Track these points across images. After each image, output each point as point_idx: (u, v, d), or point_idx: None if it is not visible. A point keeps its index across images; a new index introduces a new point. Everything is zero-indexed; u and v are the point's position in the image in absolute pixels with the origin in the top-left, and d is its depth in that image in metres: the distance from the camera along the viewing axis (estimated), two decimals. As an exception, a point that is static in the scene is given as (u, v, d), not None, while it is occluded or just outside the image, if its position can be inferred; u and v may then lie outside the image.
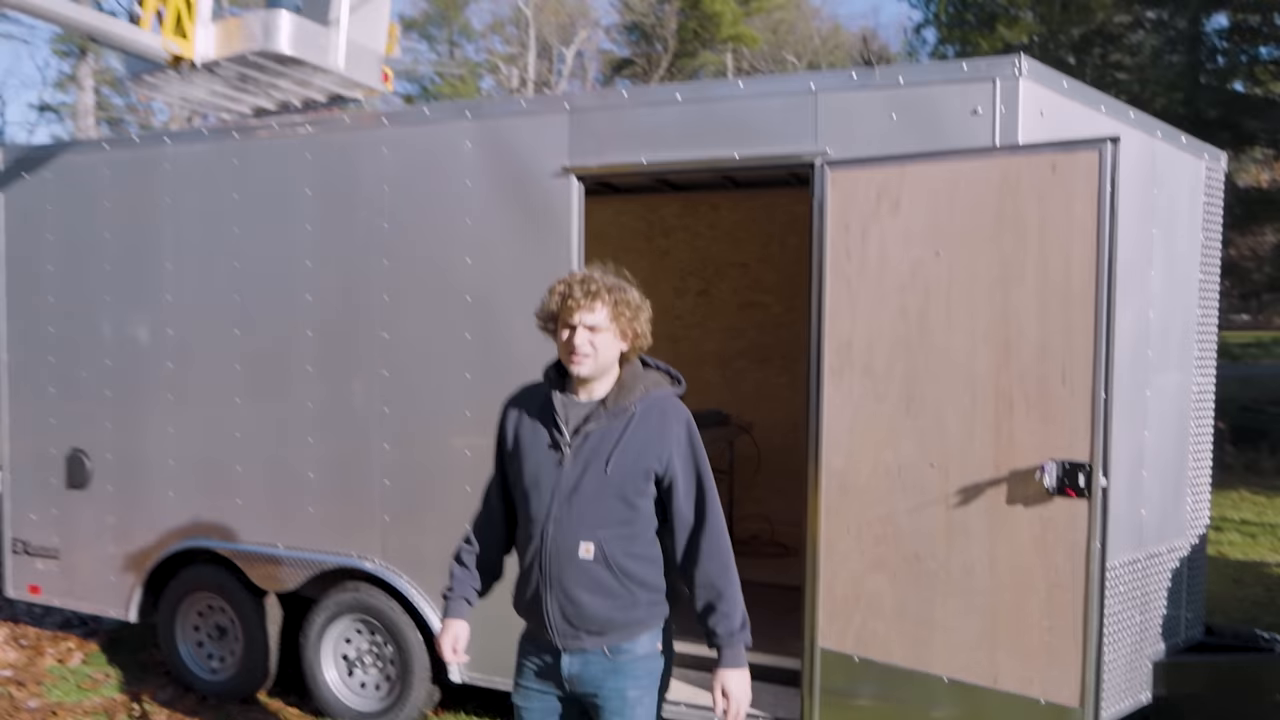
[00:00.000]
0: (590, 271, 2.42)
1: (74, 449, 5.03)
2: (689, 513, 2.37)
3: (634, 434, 2.32)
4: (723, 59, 58.62)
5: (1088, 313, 3.00)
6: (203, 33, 4.58)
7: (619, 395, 2.33)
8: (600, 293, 2.29)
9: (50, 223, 5.11)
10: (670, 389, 2.43)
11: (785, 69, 57.88)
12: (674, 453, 2.34)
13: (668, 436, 2.33)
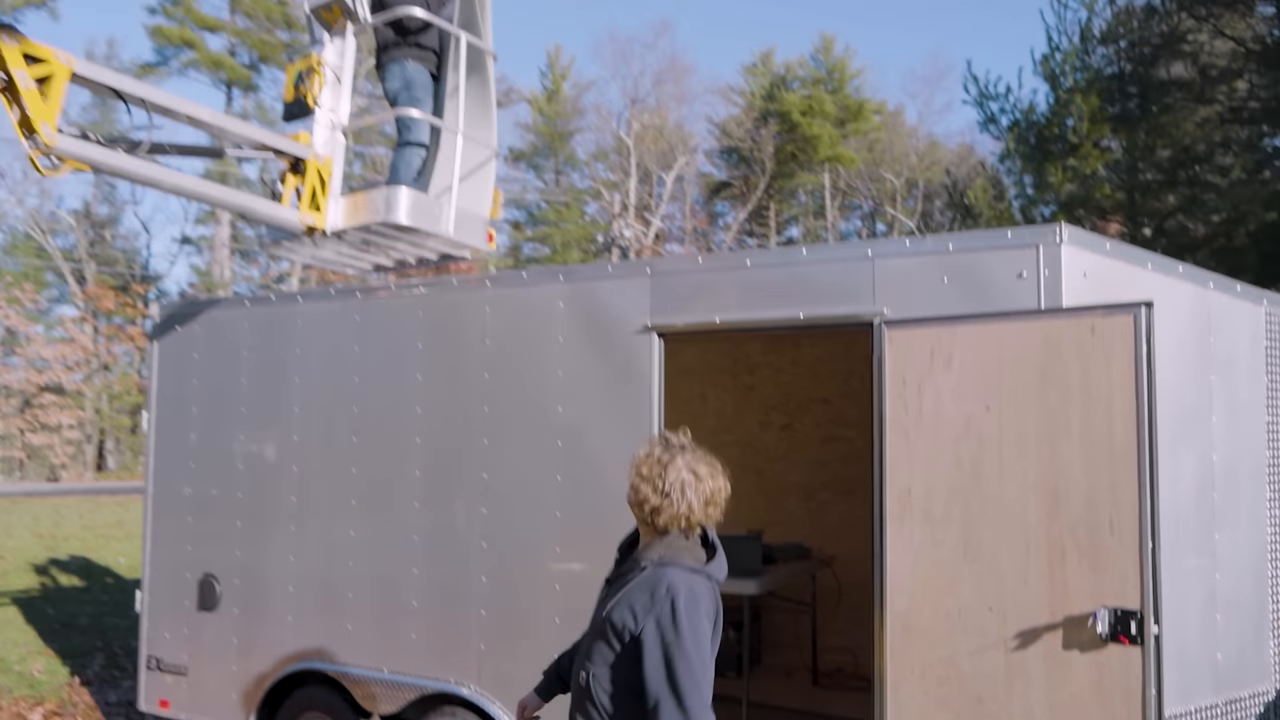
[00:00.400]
0: (646, 449, 2.61)
1: (206, 574, 5.54)
2: (652, 684, 2.39)
3: (630, 588, 2.49)
4: (820, 179, 59.67)
5: (1130, 466, 3.18)
6: (333, 206, 5.22)
7: (640, 554, 2.56)
8: (630, 475, 2.56)
9: (196, 369, 5.77)
10: (687, 564, 2.50)
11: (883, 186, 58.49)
12: (649, 620, 2.41)
13: (651, 602, 2.43)
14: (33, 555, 14.39)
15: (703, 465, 2.57)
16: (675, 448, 2.58)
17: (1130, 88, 12.37)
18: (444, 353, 4.86)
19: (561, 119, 58.32)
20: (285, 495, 5.31)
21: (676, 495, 2.50)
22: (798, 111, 54.80)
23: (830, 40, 56.77)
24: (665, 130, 54.26)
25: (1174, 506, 3.86)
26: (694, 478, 2.53)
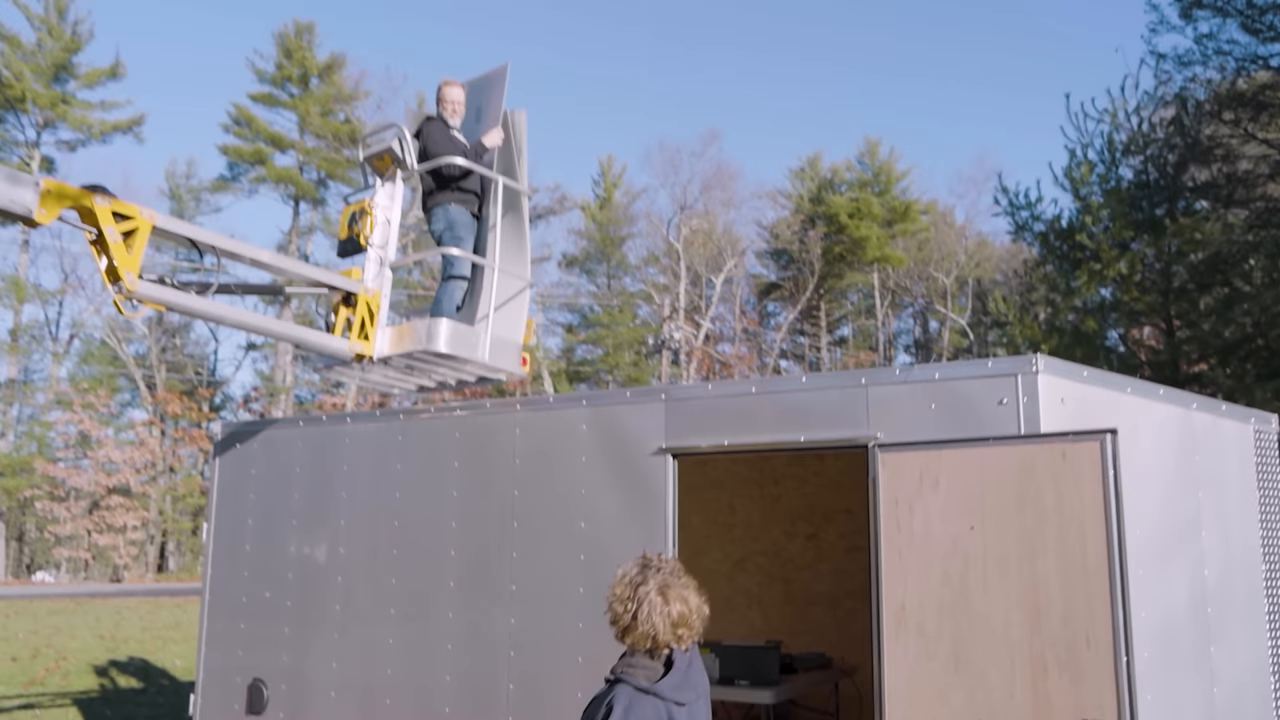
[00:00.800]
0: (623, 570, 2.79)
1: (255, 679, 5.87)
2: None
3: (592, 700, 2.72)
4: (869, 279, 60.19)
5: (1103, 583, 3.39)
6: (381, 335, 5.71)
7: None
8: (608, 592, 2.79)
9: (253, 484, 6.22)
10: (638, 682, 2.67)
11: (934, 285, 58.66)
12: None
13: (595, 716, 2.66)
14: (94, 656, 14.85)
15: (674, 589, 2.72)
16: (651, 569, 2.76)
17: (1157, 196, 12.66)
18: (477, 471, 5.24)
19: (614, 225, 59.96)
20: (330, 603, 5.66)
21: (643, 617, 2.68)
22: (845, 213, 55.73)
23: (875, 144, 57.99)
24: (714, 234, 55.47)
25: (1166, 622, 4.02)
26: (662, 601, 2.70)
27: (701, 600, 2.78)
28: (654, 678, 2.68)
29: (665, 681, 2.67)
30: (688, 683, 2.71)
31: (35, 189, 4.35)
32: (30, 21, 40.25)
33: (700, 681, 2.80)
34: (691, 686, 2.73)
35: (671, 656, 2.72)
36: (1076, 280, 11.05)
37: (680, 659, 2.73)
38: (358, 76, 44.05)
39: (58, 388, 40.98)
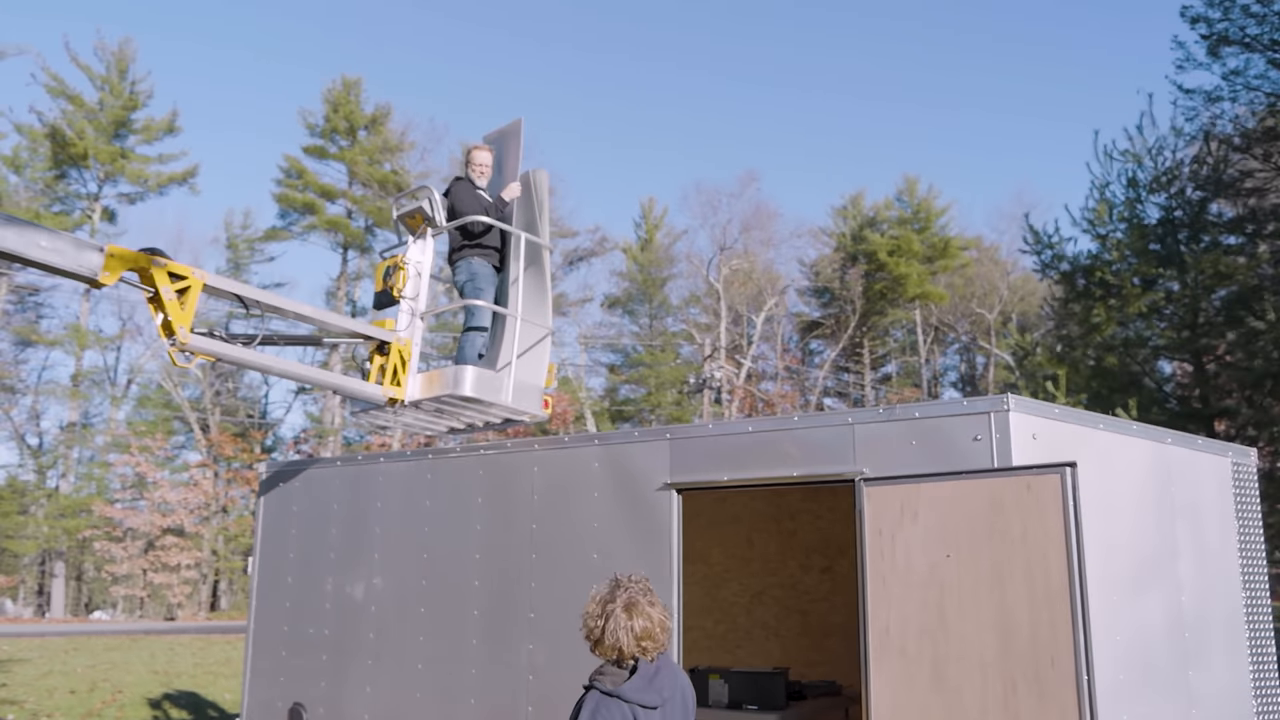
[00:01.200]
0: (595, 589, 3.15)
1: (295, 703, 6.25)
2: None
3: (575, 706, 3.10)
4: (912, 315, 60.00)
5: (1065, 607, 3.64)
6: (412, 381, 6.13)
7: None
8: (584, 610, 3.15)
9: (294, 520, 6.65)
10: (605, 687, 3.03)
11: (978, 323, 58.25)
12: None
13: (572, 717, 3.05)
14: (148, 690, 15.39)
15: (640, 605, 3.06)
16: (620, 589, 3.11)
17: (1181, 231, 12.80)
18: (499, 506, 5.61)
19: (655, 266, 60.59)
20: (365, 631, 6.04)
21: (609, 631, 3.04)
22: (884, 251, 55.82)
23: (914, 180, 58.16)
24: (754, 274, 55.79)
25: (1142, 646, 4.24)
26: (627, 616, 3.04)
27: (664, 615, 3.11)
28: (619, 682, 3.00)
29: (628, 685, 3.00)
30: (652, 688, 3.03)
31: (100, 254, 4.86)
32: (93, 81, 42.24)
33: (670, 687, 3.11)
34: (656, 691, 3.04)
35: (637, 665, 3.04)
36: (1096, 317, 11.21)
37: (645, 668, 3.05)
38: (403, 128, 45.43)
39: (116, 431, 42.31)
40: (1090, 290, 11.82)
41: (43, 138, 40.39)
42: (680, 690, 3.22)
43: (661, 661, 3.14)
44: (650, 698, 3.03)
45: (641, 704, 3.00)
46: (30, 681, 16.08)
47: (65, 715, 12.74)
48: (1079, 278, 12.00)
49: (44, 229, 4.82)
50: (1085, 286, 11.66)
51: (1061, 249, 12.51)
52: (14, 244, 4.55)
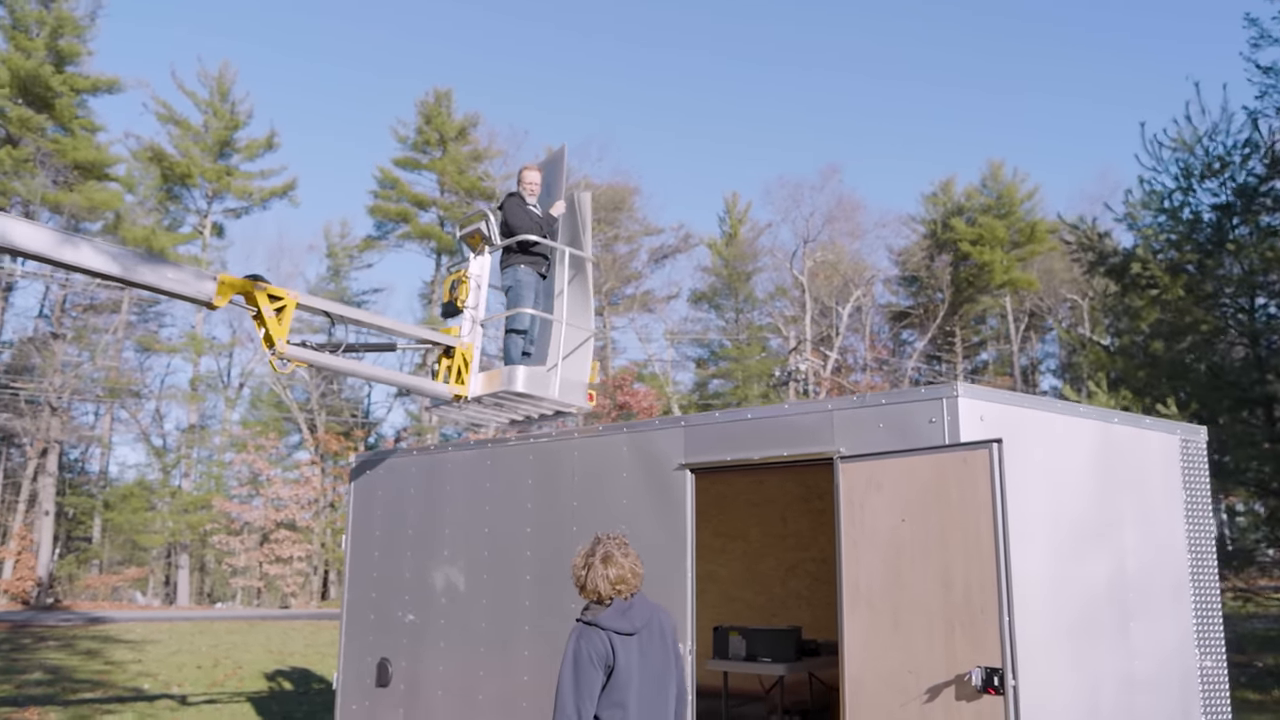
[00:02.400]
0: (582, 545, 3.99)
1: (382, 658, 7.30)
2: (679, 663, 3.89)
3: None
4: (1001, 302, 58.90)
5: (991, 564, 4.34)
6: (474, 379, 7.10)
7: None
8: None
9: (378, 502, 7.71)
10: (587, 619, 3.87)
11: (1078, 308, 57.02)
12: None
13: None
14: (264, 667, 16.95)
15: (615, 557, 3.91)
16: (600, 544, 3.99)
17: (1236, 216, 12.96)
18: (546, 487, 6.53)
19: (740, 260, 61.02)
20: (438, 597, 7.04)
21: (590, 579, 3.91)
22: (967, 240, 55.07)
23: (998, 165, 57.12)
24: (840, 265, 55.69)
25: (1085, 603, 4.89)
26: (604, 566, 3.90)
27: (635, 563, 3.97)
28: (597, 614, 3.87)
29: (603, 616, 3.87)
30: (625, 618, 3.90)
31: (214, 282, 5.96)
32: (197, 105, 45.09)
33: (642, 618, 3.95)
34: (629, 620, 3.89)
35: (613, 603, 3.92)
36: (1142, 306, 11.51)
37: (619, 604, 3.92)
38: (489, 136, 47.08)
39: (232, 431, 45.09)
40: (1136, 280, 12.10)
41: (154, 160, 43.37)
42: (657, 622, 4.06)
43: (636, 599, 3.99)
44: (623, 625, 3.88)
45: (616, 630, 3.86)
46: (161, 659, 17.85)
47: (192, 686, 14.27)
48: (1124, 270, 12.28)
49: (171, 264, 5.94)
50: (1132, 278, 11.94)
51: (1106, 244, 12.79)
52: (149, 278, 5.68)
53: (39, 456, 41.01)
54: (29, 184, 36.55)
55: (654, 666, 4.03)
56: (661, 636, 4.08)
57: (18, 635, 21.72)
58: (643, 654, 3.98)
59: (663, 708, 4.04)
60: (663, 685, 4.06)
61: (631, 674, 3.90)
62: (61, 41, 38.03)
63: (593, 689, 3.79)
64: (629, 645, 3.90)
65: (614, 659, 3.84)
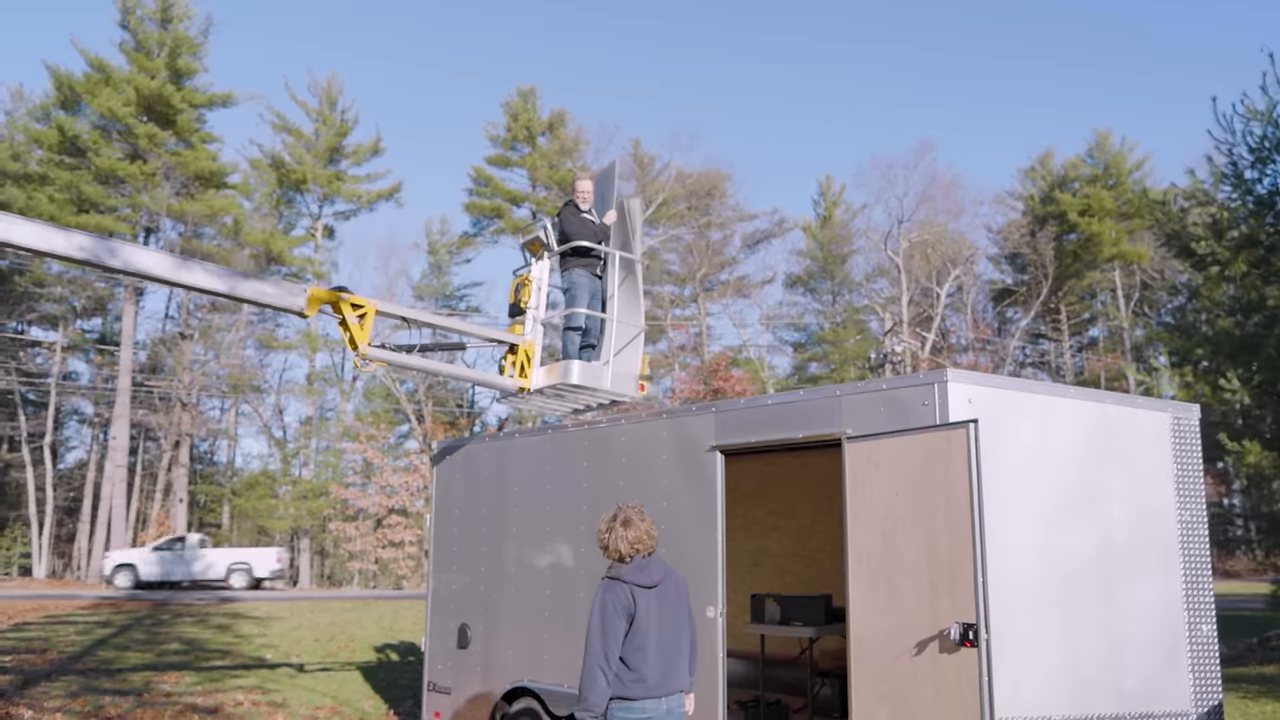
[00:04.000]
0: (605, 514, 4.71)
1: (462, 623, 8.19)
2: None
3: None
4: (1110, 276, 56.90)
5: (967, 533, 4.86)
6: (535, 374, 7.89)
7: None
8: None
9: (457, 486, 8.59)
10: (611, 575, 4.55)
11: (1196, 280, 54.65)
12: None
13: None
14: (375, 640, 18.31)
15: (633, 522, 4.60)
16: (620, 512, 4.69)
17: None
18: (598, 468, 7.26)
19: (835, 243, 60.66)
20: (508, 568, 7.88)
21: (612, 540, 4.62)
22: (1075, 212, 53.46)
23: (1105, 135, 55.23)
24: (936, 245, 54.81)
25: (1071, 569, 5.35)
26: (624, 529, 4.61)
27: (650, 527, 4.66)
28: (619, 571, 4.57)
29: (625, 571, 4.57)
30: (644, 573, 4.58)
31: (304, 295, 6.88)
32: (308, 114, 47.48)
33: (659, 574, 4.62)
34: (647, 575, 4.58)
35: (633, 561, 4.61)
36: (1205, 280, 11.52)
37: (638, 561, 4.60)
38: (577, 130, 48.12)
39: (346, 422, 47.51)
40: (1204, 259, 12.09)
41: (271, 168, 45.93)
42: (672, 578, 4.74)
43: (652, 558, 4.69)
44: (642, 579, 4.59)
45: (636, 584, 4.56)
46: (283, 633, 19.43)
47: (309, 656, 15.63)
48: (1194, 245, 12.26)
49: (269, 280, 6.90)
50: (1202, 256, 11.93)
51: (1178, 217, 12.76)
52: (249, 293, 6.64)
53: (172, 449, 44.15)
54: (155, 196, 39.29)
55: (670, 617, 4.71)
56: (676, 592, 4.76)
57: (158, 612, 23.82)
58: (660, 606, 4.66)
59: (678, 652, 4.72)
60: (678, 634, 4.74)
61: (650, 622, 4.59)
62: (180, 60, 40.61)
63: (617, 635, 4.49)
64: (648, 597, 4.59)
65: (635, 609, 4.54)
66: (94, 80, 39.48)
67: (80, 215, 37.87)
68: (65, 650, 15.16)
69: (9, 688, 11.10)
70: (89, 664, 13.66)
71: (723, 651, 6.17)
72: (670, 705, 4.59)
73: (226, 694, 11.20)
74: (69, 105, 40.77)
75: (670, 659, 4.67)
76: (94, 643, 16.49)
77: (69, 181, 38.18)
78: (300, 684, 12.43)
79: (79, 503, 46.74)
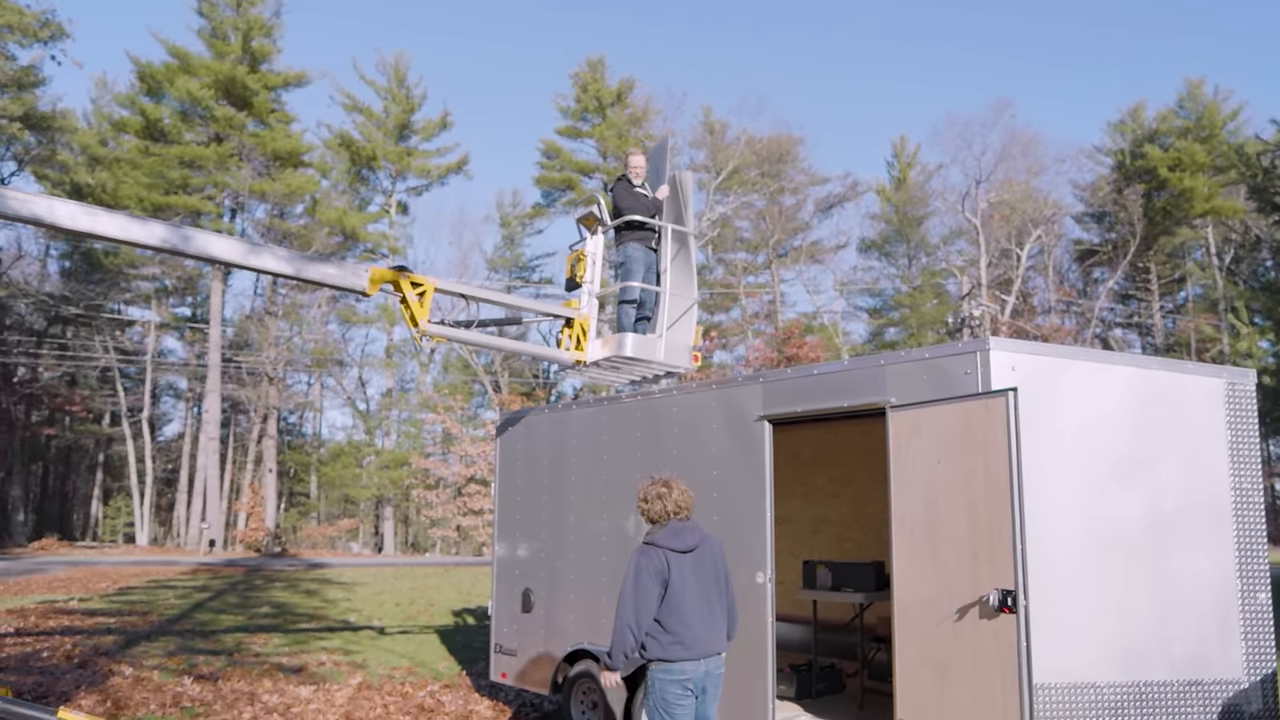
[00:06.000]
0: (646, 482, 4.92)
1: (526, 588, 8.50)
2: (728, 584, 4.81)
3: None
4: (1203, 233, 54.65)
5: (1006, 499, 4.90)
6: (591, 346, 8.08)
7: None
8: (638, 495, 4.90)
9: (519, 455, 8.87)
10: (648, 540, 4.77)
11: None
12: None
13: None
14: (453, 604, 18.94)
15: (673, 487, 4.84)
16: (660, 479, 4.91)
17: None
18: (652, 436, 7.44)
19: (910, 205, 59.50)
20: (567, 534, 8.14)
21: (657, 506, 4.84)
22: (1164, 166, 51.37)
23: (1197, 85, 52.76)
24: (1017, 204, 53.29)
25: (1117, 534, 5.34)
26: (667, 491, 4.85)
27: (683, 492, 4.84)
28: (655, 536, 4.75)
29: (659, 536, 4.74)
30: (679, 538, 4.76)
31: (365, 275, 7.17)
32: (378, 93, 48.33)
33: (694, 540, 4.79)
34: (682, 540, 4.75)
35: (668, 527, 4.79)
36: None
37: (674, 525, 4.78)
38: (645, 99, 48.01)
39: (425, 394, 48.68)
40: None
41: (343, 147, 46.95)
42: (708, 544, 4.90)
43: (688, 524, 4.86)
44: (677, 544, 4.76)
45: (671, 548, 4.74)
46: (367, 598, 20.22)
47: (390, 619, 16.27)
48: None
49: (332, 261, 7.21)
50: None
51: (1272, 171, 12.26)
52: (314, 274, 6.95)
53: (261, 422, 45.88)
54: (236, 176, 40.58)
55: (705, 581, 4.87)
56: (712, 558, 4.92)
57: (251, 577, 24.98)
58: (696, 571, 4.83)
59: (713, 617, 4.88)
60: (713, 597, 4.90)
61: (686, 586, 4.77)
62: (254, 43, 41.68)
63: (649, 598, 4.67)
64: (682, 562, 4.77)
65: (669, 573, 4.72)
66: (173, 69, 40.83)
67: (168, 197, 39.39)
68: (165, 613, 16.08)
69: (113, 647, 11.87)
70: (186, 625, 14.49)
71: (772, 616, 6.31)
72: (709, 667, 4.77)
73: (311, 654, 11.80)
74: (153, 92, 42.29)
75: (707, 622, 4.83)
76: (192, 606, 17.44)
77: (153, 166, 39.69)
78: (380, 645, 13.00)
79: (176, 474, 49.04)
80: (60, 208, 6.31)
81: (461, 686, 9.88)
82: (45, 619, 14.69)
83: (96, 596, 18.69)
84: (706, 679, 4.77)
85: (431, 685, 9.89)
